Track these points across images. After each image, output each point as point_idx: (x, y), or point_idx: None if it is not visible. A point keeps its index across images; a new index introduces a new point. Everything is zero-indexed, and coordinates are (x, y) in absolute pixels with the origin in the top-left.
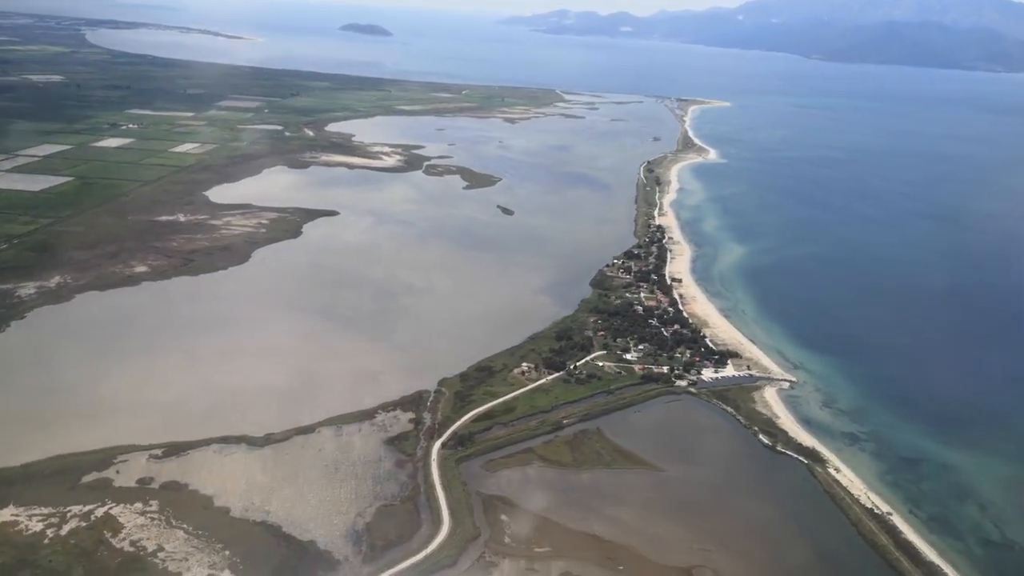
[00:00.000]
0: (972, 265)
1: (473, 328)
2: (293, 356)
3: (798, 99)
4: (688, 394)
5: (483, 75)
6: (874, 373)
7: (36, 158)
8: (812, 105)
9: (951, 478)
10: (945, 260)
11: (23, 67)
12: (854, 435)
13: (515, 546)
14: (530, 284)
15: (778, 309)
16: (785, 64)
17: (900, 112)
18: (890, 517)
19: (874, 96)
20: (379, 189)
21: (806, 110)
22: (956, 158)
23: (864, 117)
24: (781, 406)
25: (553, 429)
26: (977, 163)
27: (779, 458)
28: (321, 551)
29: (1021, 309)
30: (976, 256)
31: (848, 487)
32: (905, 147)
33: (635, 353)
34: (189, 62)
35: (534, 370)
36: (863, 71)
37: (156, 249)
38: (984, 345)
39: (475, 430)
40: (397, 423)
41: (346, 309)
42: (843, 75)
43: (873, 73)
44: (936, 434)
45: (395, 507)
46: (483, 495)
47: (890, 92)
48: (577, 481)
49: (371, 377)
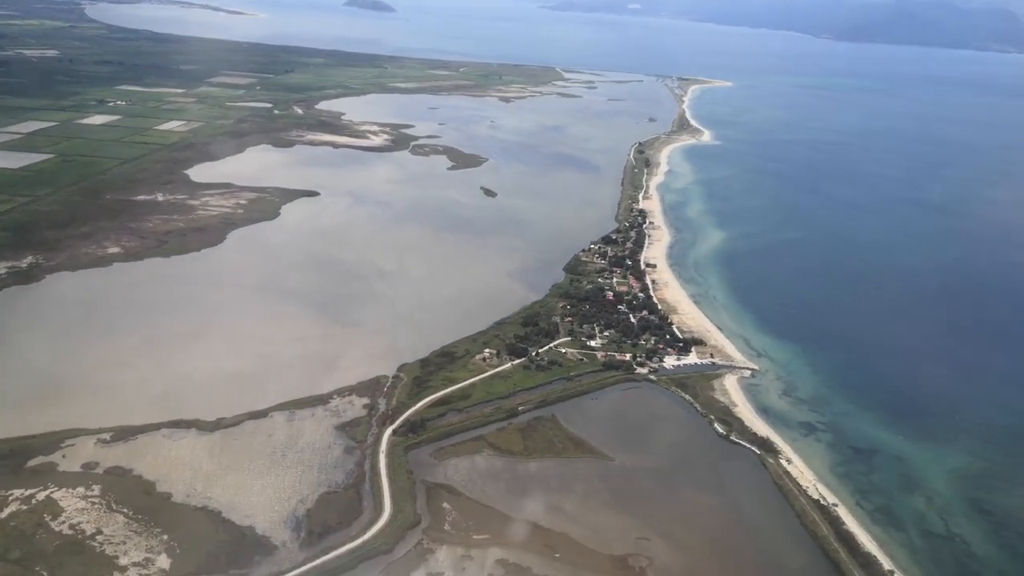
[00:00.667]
0: (951, 253)
1: (440, 313)
2: (255, 340)
3: (801, 79)
4: (648, 381)
5: (484, 53)
6: (839, 361)
7: (19, 135)
8: (815, 86)
9: (902, 469)
10: (924, 248)
11: (19, 41)
12: (811, 425)
13: (454, 534)
14: (503, 268)
15: (750, 296)
16: (793, 43)
17: (904, 94)
18: (835, 508)
19: (879, 77)
20: (362, 169)
21: (808, 91)
22: (954, 142)
23: (866, 99)
24: (740, 394)
25: (507, 416)
26: (975, 148)
27: (731, 448)
28: (259, 537)
29: (994, 297)
30: (956, 244)
31: (797, 478)
32: (904, 130)
33: (600, 340)
34: (186, 37)
35: (496, 356)
36: (871, 51)
37: (130, 230)
38: (953, 334)
39: (429, 417)
40: (351, 409)
41: (315, 293)
42: (850, 55)
43: (881, 53)
44: (893, 424)
45: (338, 494)
46: (428, 483)
47: (896, 73)
48: (525, 469)
49: (331, 362)
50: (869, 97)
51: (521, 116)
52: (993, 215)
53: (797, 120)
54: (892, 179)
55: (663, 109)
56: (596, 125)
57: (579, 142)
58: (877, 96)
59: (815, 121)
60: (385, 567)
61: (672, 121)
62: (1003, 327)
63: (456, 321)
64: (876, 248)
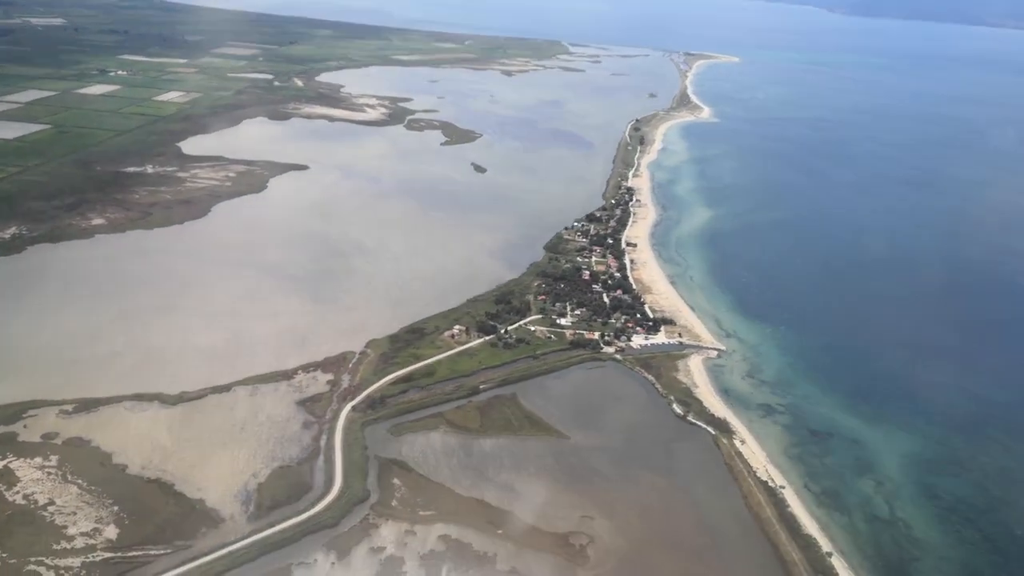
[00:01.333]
0: (935, 234)
1: (415, 289)
2: (229, 314)
3: (810, 55)
4: (613, 361)
5: (492, 25)
6: (807, 343)
7: (18, 104)
8: (823, 62)
9: (856, 453)
10: (909, 228)
11: (27, 9)
12: (770, 406)
13: (401, 509)
14: (484, 245)
15: (727, 276)
16: (806, 18)
17: (912, 71)
18: (782, 490)
19: (889, 54)
20: (356, 143)
21: (815, 67)
22: (956, 120)
23: (873, 75)
24: (703, 375)
25: (469, 394)
26: (976, 126)
27: (687, 428)
28: (208, 509)
29: (971, 281)
30: (941, 224)
31: (749, 459)
32: (906, 109)
33: (571, 318)
34: (194, 7)
35: (464, 333)
36: (884, 26)
37: (117, 201)
38: (926, 317)
39: (390, 393)
40: (314, 384)
41: (293, 267)
42: (863, 30)
43: (894, 29)
44: (854, 407)
45: (292, 468)
46: (382, 459)
47: (907, 50)
48: (479, 447)
49: (300, 337)
50: (876, 74)
51: (521, 90)
52: (985, 196)
53: (799, 97)
54: (887, 158)
55: (665, 85)
56: (595, 101)
57: (576, 118)
58: (884, 73)
59: (818, 99)
60: (328, 541)
61: (673, 97)
62: (977, 312)
63: (430, 298)
64: (860, 228)
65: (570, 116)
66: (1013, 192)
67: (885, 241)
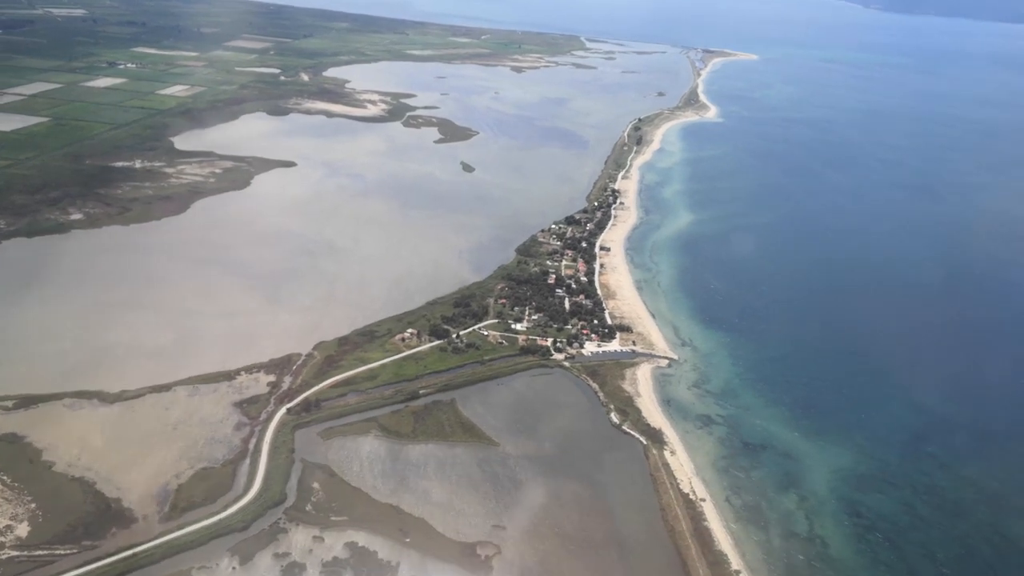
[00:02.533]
0: (919, 243)
1: (376, 291)
2: (184, 313)
3: (833, 53)
4: (561, 368)
5: (515, 19)
6: (762, 353)
7: (22, 96)
8: (843, 60)
9: (786, 467)
10: (895, 237)
11: (51, 0)
12: (709, 417)
13: (314, 514)
14: (455, 246)
15: (697, 282)
16: (839, 14)
17: (933, 70)
18: (702, 503)
19: (916, 52)
20: (350, 140)
21: (834, 66)
22: (968, 122)
23: (892, 75)
24: (649, 384)
25: (407, 399)
26: (987, 128)
27: (621, 438)
28: (123, 509)
29: (941, 293)
30: (928, 232)
31: (675, 471)
32: (918, 110)
33: (527, 323)
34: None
35: (416, 337)
36: (918, 23)
37: (99, 196)
38: (889, 330)
39: (328, 396)
40: (255, 386)
41: (259, 266)
42: (894, 27)
43: (930, 26)
44: (795, 420)
45: (215, 470)
46: (307, 462)
47: (936, 48)
48: (406, 453)
49: (251, 338)
50: (897, 73)
51: (528, 87)
52: (985, 206)
53: (812, 97)
54: (890, 162)
55: (676, 83)
56: (601, 98)
57: (578, 116)
58: (906, 72)
59: (831, 98)
60: (235, 545)
61: (681, 96)
62: (941, 327)
63: (390, 299)
64: (846, 235)
65: (572, 114)
66: (1010, 201)
67: (865, 249)
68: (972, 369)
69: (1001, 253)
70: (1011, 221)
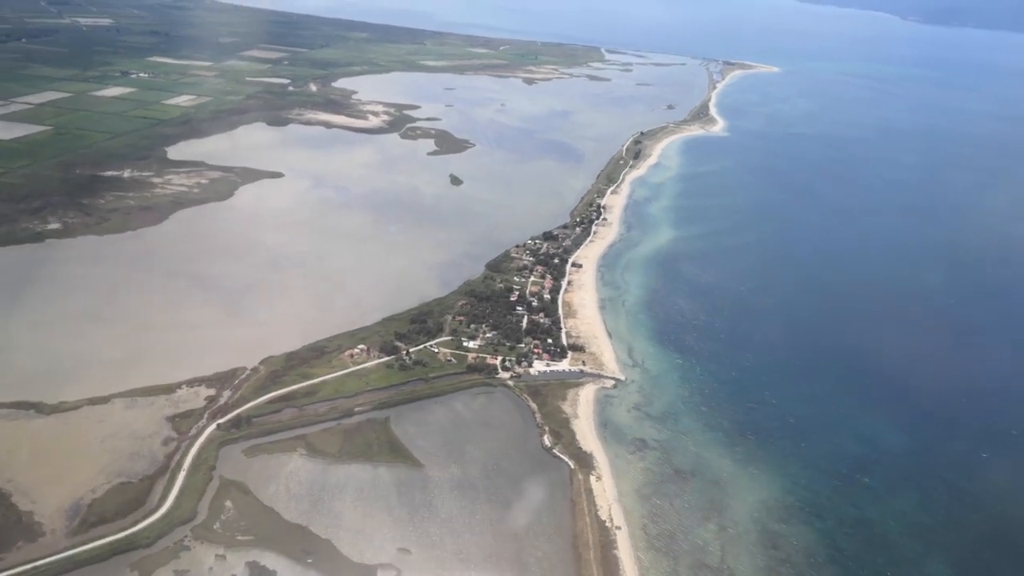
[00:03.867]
0: (905, 268)
1: (335, 305)
2: (140, 324)
3: (858, 66)
4: (504, 387)
5: (539, 30)
6: (715, 376)
7: (30, 105)
8: (865, 74)
9: (711, 495)
10: (881, 260)
11: (81, 9)
12: (644, 441)
13: (220, 533)
14: (426, 261)
15: (663, 302)
16: (873, 26)
17: (957, 84)
18: (617, 531)
19: (949, 65)
20: (343, 151)
21: (856, 79)
22: (982, 139)
23: (913, 89)
24: (589, 406)
25: (341, 416)
26: (1002, 147)
27: (549, 461)
28: (33, 523)
29: (913, 319)
30: (919, 259)
31: (597, 496)
32: (933, 126)
33: (480, 341)
34: (244, 7)
35: (365, 353)
36: (954, 36)
37: (81, 206)
38: (853, 355)
39: (263, 412)
40: (193, 400)
41: (223, 279)
42: (928, 40)
43: (963, 39)
44: (730, 446)
45: (132, 485)
46: (224, 480)
47: (972, 61)
48: (327, 472)
49: (200, 351)
50: (921, 88)
51: (537, 99)
52: (984, 234)
53: (826, 112)
54: (894, 182)
55: (689, 96)
56: (609, 111)
57: (580, 129)
58: (930, 87)
59: (845, 114)
60: (136, 562)
61: (690, 109)
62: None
63: (347, 315)
64: (831, 258)
65: (574, 127)
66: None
67: (843, 273)
68: (925, 400)
69: (985, 288)
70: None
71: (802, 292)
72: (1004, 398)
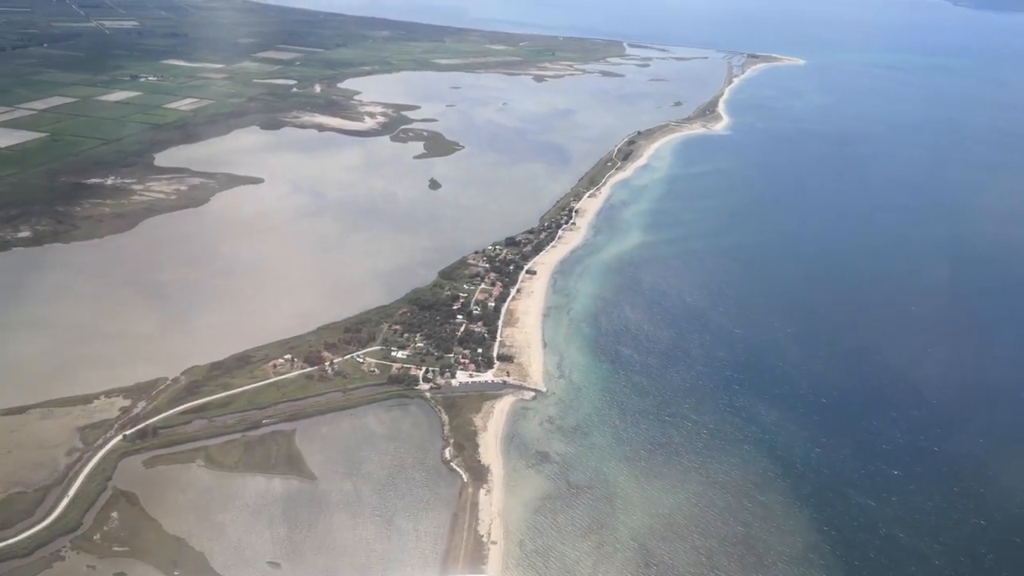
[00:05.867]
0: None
1: (275, 313)
2: (79, 334)
3: (888, 56)
4: (421, 399)
5: (568, 24)
6: (640, 389)
7: (33, 111)
8: (895, 65)
9: (599, 511)
10: (867, 269)
11: (108, 11)
12: (547, 455)
13: (99, 544)
14: (379, 268)
15: (611, 310)
16: (920, 13)
17: (989, 75)
18: (492, 546)
19: (991, 55)
20: (330, 155)
21: (883, 71)
22: (1002, 133)
23: (941, 80)
24: (502, 418)
25: (247, 428)
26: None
27: (445, 474)
28: None
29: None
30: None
31: (482, 511)
32: (962, 122)
33: (410, 351)
34: (273, 7)
35: (289, 363)
36: (1008, 21)
37: (56, 214)
38: (796, 369)
39: (173, 423)
40: (108, 410)
41: (173, 287)
42: (976, 26)
43: (1015, 24)
44: (634, 461)
45: (27, 495)
46: (117, 491)
47: (1004, 48)
48: (219, 484)
49: (128, 360)
50: (945, 78)
51: (541, 98)
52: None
53: (841, 106)
54: (901, 182)
55: (701, 91)
56: (613, 109)
57: (576, 129)
58: (955, 77)
59: (865, 108)
60: (8, 571)
61: (698, 106)
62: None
63: (284, 324)
64: (801, 264)
65: (572, 127)
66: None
67: (814, 283)
68: (846, 419)
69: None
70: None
71: (758, 301)
72: (926, 415)
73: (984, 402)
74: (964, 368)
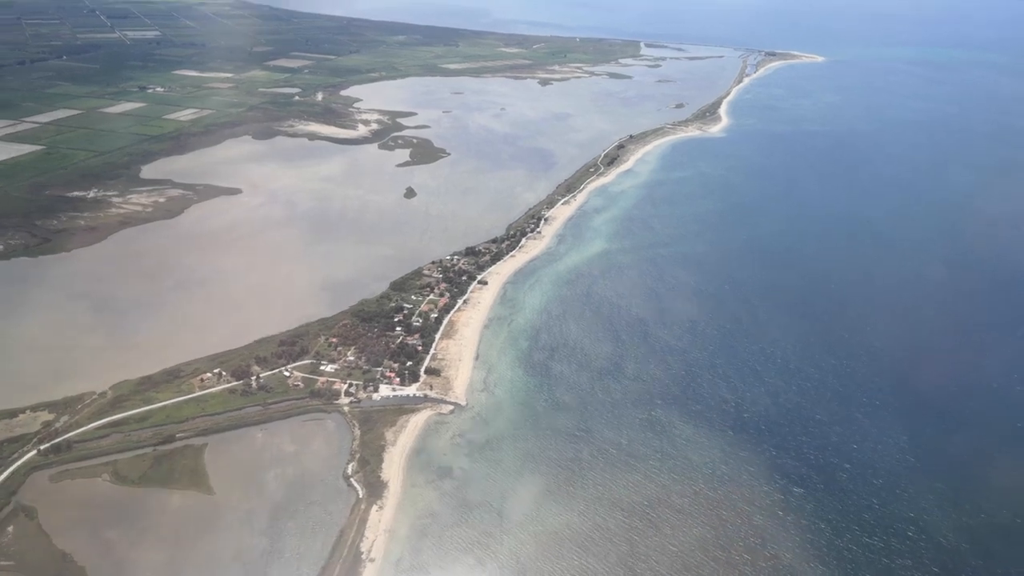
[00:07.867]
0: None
1: (216, 326)
2: (16, 348)
3: (917, 51)
4: (339, 413)
5: (592, 24)
6: (562, 405)
7: (36, 124)
8: (922, 60)
9: (487, 528)
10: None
11: (134, 20)
12: (450, 470)
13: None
14: (333, 279)
15: (553, 324)
16: (967, 3)
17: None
18: (369, 563)
19: (1021, 48)
20: (314, 164)
21: (908, 67)
22: (1016, 132)
23: (977, 77)
24: (414, 432)
25: (160, 442)
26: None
27: (342, 490)
28: None
29: (817, 359)
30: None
31: (369, 527)
32: (966, 117)
33: (339, 364)
34: (298, 13)
35: (217, 378)
36: None
37: (32, 227)
38: (726, 388)
39: (89, 437)
40: (30, 424)
41: (123, 300)
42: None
43: None
44: (537, 479)
45: None
46: (19, 505)
47: None
48: (120, 498)
49: (61, 374)
50: (985, 75)
51: (542, 102)
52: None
53: (850, 106)
54: (892, 181)
55: (708, 92)
56: (611, 113)
57: (569, 134)
58: (998, 74)
59: (877, 109)
60: None
61: (699, 108)
62: (780, 405)
63: (220, 337)
64: (773, 276)
65: (564, 132)
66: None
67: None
68: (769, 438)
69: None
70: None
71: (707, 314)
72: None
73: None
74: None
